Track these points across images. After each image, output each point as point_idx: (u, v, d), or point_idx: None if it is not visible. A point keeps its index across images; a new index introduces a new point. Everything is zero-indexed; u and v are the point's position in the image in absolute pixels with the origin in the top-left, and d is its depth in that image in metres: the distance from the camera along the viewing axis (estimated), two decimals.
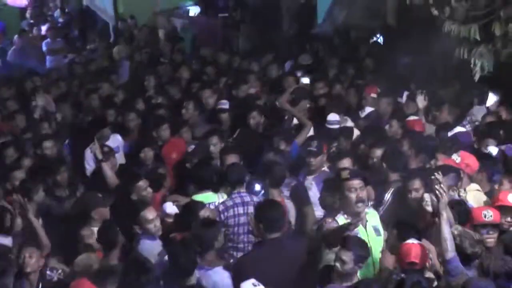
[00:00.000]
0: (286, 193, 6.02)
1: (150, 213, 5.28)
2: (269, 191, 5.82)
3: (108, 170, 6.47)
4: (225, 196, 5.78)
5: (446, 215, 4.59)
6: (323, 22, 11.64)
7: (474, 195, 5.67)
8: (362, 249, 4.48)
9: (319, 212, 5.82)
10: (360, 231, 4.82)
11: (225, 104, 8.09)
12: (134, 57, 11.93)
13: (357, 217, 4.84)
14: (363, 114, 7.85)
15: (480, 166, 5.93)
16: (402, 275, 4.41)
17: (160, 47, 12.40)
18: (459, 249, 4.54)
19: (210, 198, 5.79)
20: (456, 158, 5.85)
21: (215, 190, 5.87)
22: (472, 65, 7.45)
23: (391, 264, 4.69)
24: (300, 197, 6.02)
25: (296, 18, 12.13)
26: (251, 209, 5.37)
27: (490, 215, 4.96)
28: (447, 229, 4.52)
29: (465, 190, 5.69)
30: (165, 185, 6.53)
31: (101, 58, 12.33)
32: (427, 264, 4.59)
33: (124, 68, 11.42)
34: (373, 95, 7.94)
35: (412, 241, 4.56)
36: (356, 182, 4.87)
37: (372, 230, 4.92)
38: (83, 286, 4.56)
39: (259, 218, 4.91)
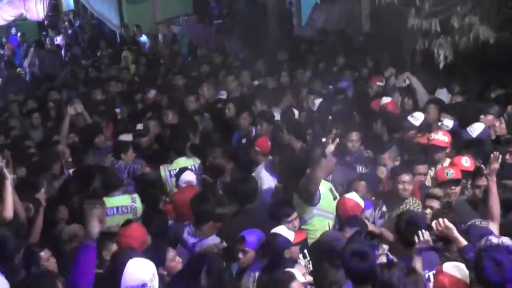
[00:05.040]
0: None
1: None
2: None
3: None
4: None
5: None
6: (305, 25, 12.02)
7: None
8: None
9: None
10: (332, 188, 5.39)
11: (223, 95, 8.51)
12: (139, 61, 12.31)
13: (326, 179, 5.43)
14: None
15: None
16: None
17: (160, 50, 12.78)
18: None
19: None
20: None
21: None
22: (435, 55, 7.80)
23: None
24: None
25: (281, 23, 12.51)
26: None
27: (451, 173, 5.37)
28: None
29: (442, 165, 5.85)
30: None
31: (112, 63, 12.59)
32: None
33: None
34: (379, 83, 8.24)
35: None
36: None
37: (333, 188, 5.47)
38: (135, 229, 4.50)
39: (231, 191, 5.37)
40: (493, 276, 3.50)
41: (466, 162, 5.55)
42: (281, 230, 4.53)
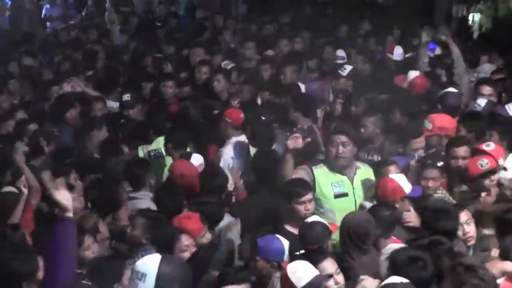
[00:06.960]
0: None
1: None
2: None
3: None
4: None
5: None
6: None
7: None
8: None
9: None
10: (345, 183, 4.63)
11: (228, 64, 7.63)
12: (128, 23, 10.94)
13: (340, 171, 4.65)
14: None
15: (468, 127, 5.12)
16: None
17: (154, 10, 11.70)
18: None
19: None
20: (427, 125, 5.10)
21: None
22: (470, 22, 7.25)
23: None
24: None
25: None
26: None
27: (486, 162, 4.50)
28: None
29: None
30: None
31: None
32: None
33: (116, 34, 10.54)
34: (389, 55, 7.39)
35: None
36: (339, 137, 4.62)
37: (359, 183, 4.67)
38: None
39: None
40: None
41: (488, 146, 4.71)
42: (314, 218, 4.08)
